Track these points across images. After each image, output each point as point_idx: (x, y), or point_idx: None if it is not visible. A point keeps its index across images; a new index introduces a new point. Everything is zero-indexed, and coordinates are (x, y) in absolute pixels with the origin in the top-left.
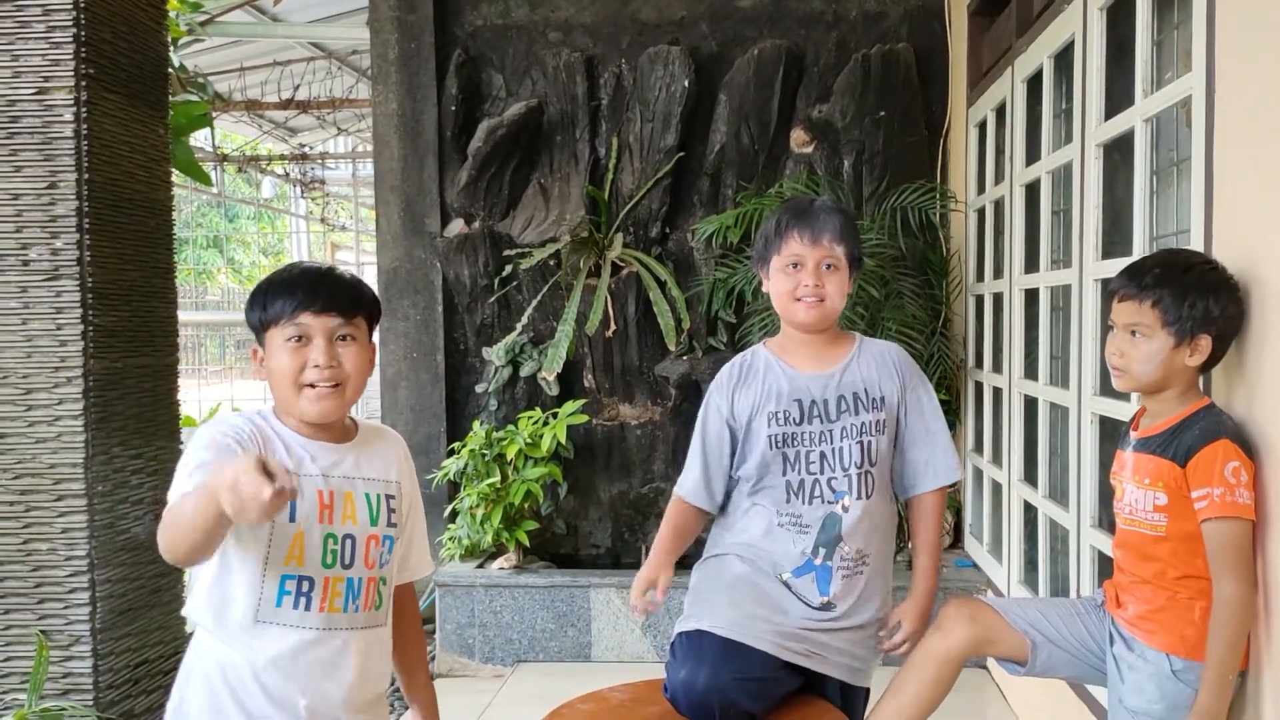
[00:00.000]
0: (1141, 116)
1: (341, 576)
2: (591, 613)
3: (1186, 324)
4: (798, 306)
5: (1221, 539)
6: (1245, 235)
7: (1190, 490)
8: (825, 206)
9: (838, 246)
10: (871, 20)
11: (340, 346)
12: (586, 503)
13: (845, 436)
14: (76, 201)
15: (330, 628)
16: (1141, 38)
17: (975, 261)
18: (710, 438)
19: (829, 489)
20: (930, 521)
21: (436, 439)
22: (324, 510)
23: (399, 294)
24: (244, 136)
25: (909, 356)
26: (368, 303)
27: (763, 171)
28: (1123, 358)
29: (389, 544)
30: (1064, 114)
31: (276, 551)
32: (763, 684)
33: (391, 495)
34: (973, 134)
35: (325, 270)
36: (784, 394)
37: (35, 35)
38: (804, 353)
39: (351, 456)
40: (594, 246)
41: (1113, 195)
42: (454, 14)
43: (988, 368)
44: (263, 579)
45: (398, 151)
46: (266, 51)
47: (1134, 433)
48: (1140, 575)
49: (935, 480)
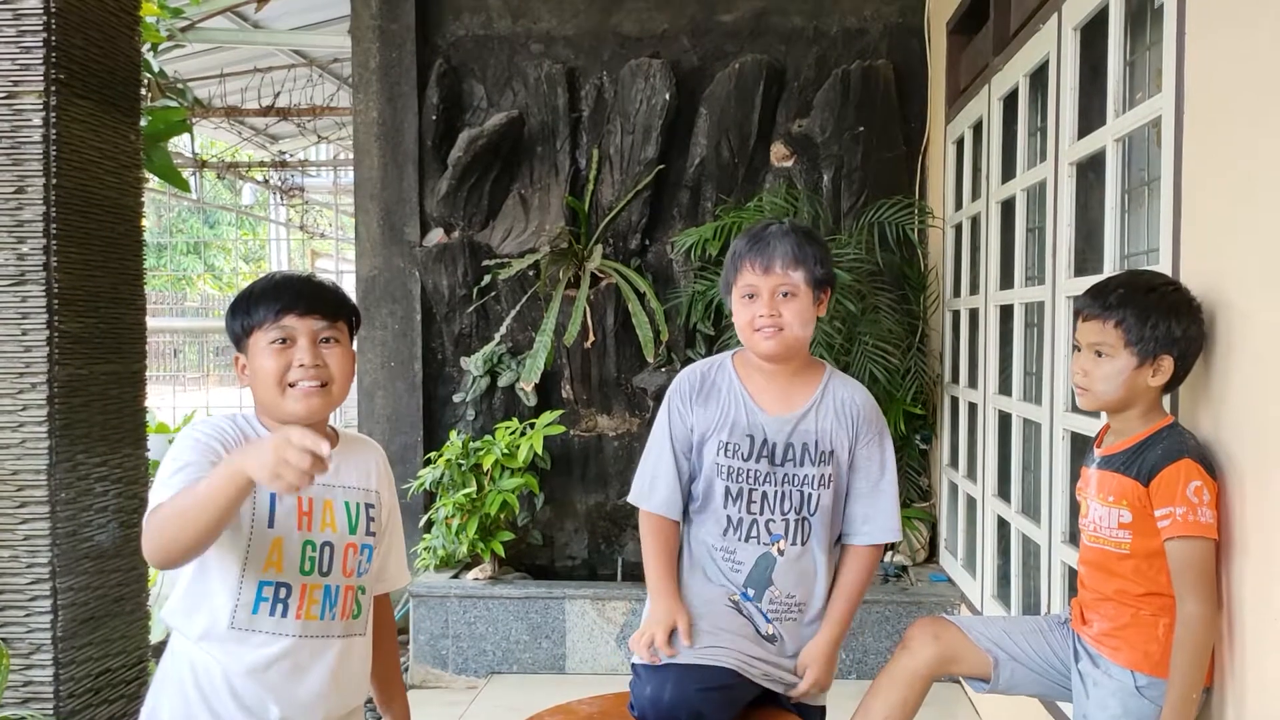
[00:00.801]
0: (1113, 136)
1: (319, 584)
2: (566, 624)
3: (1149, 344)
4: (756, 337)
5: (1184, 558)
6: (1212, 255)
7: (1153, 509)
8: (780, 232)
9: (793, 272)
10: (852, 37)
11: (324, 348)
12: (563, 514)
13: (788, 483)
14: (44, 206)
15: (306, 635)
16: (1113, 58)
17: (952, 277)
18: (679, 444)
19: (766, 530)
20: (854, 573)
21: (413, 448)
22: (303, 517)
23: (377, 302)
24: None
25: (873, 405)
26: (349, 308)
27: (742, 185)
28: (1086, 377)
29: (367, 553)
30: (1039, 132)
31: (255, 557)
32: (727, 692)
33: (371, 504)
34: (951, 150)
35: (307, 276)
36: (738, 426)
37: (4, 40)
38: (767, 386)
39: (333, 464)
40: (573, 257)
41: (1085, 213)
42: (436, 24)
43: (964, 383)
44: (240, 584)
45: (378, 160)
46: (247, 58)
47: (1098, 450)
48: (1103, 592)
49: (870, 538)
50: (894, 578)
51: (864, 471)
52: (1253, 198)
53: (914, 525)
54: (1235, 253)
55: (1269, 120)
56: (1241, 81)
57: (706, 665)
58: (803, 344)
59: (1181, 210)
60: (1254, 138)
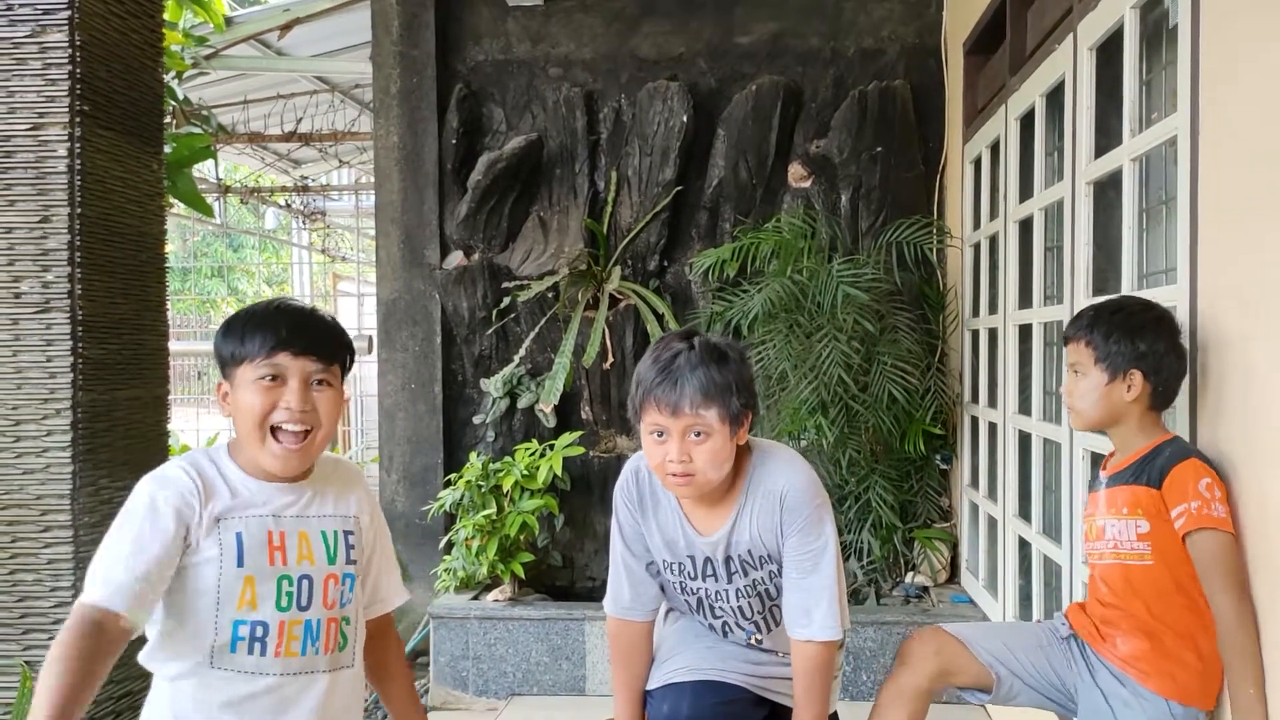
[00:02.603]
0: (1130, 156)
1: (299, 619)
2: (586, 645)
3: (1116, 359)
4: (670, 481)
5: (1206, 552)
6: (1229, 274)
7: (1168, 510)
8: (688, 363)
9: (705, 411)
10: (869, 57)
11: (315, 392)
12: (582, 535)
13: (741, 596)
14: (69, 235)
15: (288, 673)
16: (1129, 78)
17: (971, 296)
18: (634, 547)
19: (738, 629)
20: (806, 678)
21: (433, 470)
22: (274, 551)
23: (398, 325)
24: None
25: (800, 489)
26: (345, 349)
27: (760, 205)
28: (1070, 396)
29: (349, 582)
30: (1056, 151)
31: (226, 599)
32: (741, 706)
33: (350, 531)
34: (968, 170)
35: (308, 310)
36: (677, 547)
37: (31, 72)
38: (694, 507)
39: (307, 496)
40: (592, 279)
41: (1103, 233)
42: (456, 49)
43: (983, 403)
44: (215, 627)
45: (398, 184)
46: (270, 84)
47: (1104, 473)
48: (1127, 609)
49: (806, 632)
50: (915, 598)
51: (795, 562)
52: (1267, 217)
53: (935, 546)
54: (1251, 272)
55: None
56: (1256, 100)
57: (718, 681)
58: (716, 482)
59: (1198, 230)
60: (1267, 154)
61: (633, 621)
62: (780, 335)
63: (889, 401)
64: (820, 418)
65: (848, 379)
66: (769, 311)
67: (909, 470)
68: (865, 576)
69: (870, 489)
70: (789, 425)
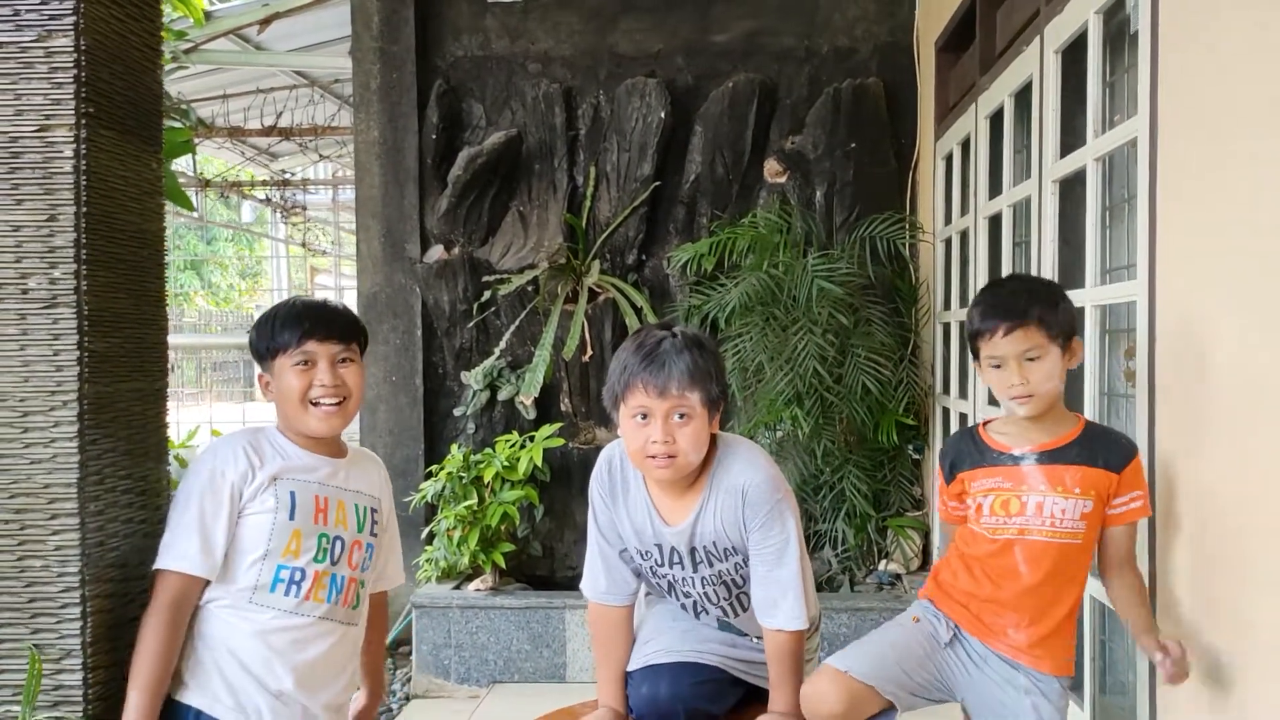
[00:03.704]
0: (1093, 156)
1: (328, 571)
2: (566, 634)
3: (1067, 330)
4: (649, 463)
5: (1129, 535)
6: (1185, 270)
7: (1118, 494)
8: (674, 348)
9: (690, 394)
10: (843, 55)
11: (341, 368)
12: (562, 525)
13: (707, 584)
14: (75, 233)
15: (311, 616)
16: (1093, 81)
17: (942, 290)
18: (607, 533)
19: (708, 613)
20: (778, 664)
21: (415, 461)
22: (319, 513)
23: (379, 318)
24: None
25: (760, 484)
26: (360, 330)
27: (736, 201)
28: (1028, 384)
29: (370, 551)
30: (1024, 150)
31: (276, 545)
32: (718, 686)
33: (375, 509)
34: (940, 167)
35: (324, 303)
36: (645, 535)
37: (38, 75)
38: (662, 496)
39: (344, 471)
40: (571, 273)
41: (1069, 229)
42: (435, 45)
43: (954, 394)
44: (261, 566)
45: (379, 178)
46: (250, 78)
47: (1029, 450)
48: (1036, 592)
49: (775, 622)
50: (888, 585)
51: (759, 555)
52: (1218, 216)
53: (908, 534)
54: (1207, 269)
55: (1234, 142)
56: (1210, 106)
57: (696, 663)
58: (695, 465)
59: (1157, 228)
60: (1220, 158)
61: (611, 606)
62: (757, 328)
63: (863, 393)
64: (796, 409)
65: (823, 371)
66: (746, 305)
67: (882, 460)
68: (840, 564)
69: (844, 478)
70: (765, 416)
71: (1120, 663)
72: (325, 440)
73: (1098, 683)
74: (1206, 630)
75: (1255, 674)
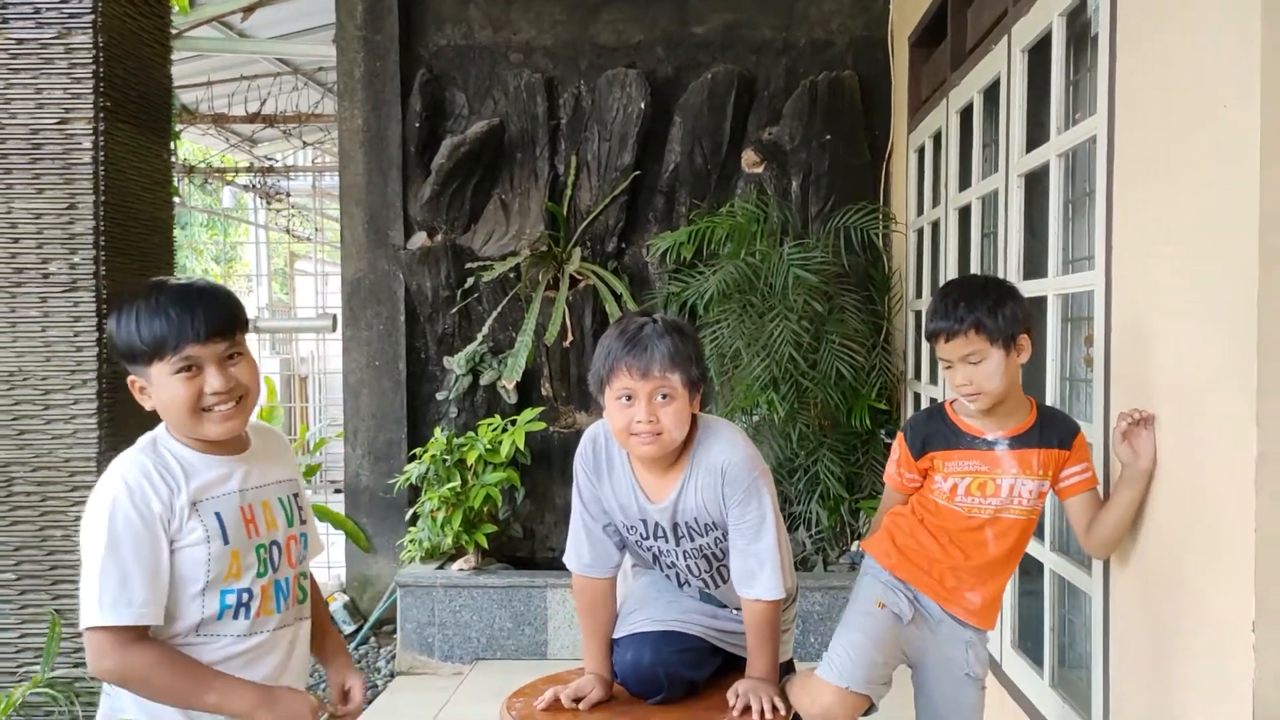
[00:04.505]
0: (1056, 151)
1: (271, 581)
2: (548, 612)
3: (1007, 332)
4: (634, 441)
5: (1088, 501)
6: (1139, 263)
7: (1066, 467)
8: (655, 333)
9: (671, 375)
10: (819, 48)
11: (231, 365)
12: (543, 507)
13: (689, 557)
14: (94, 221)
15: (263, 630)
16: (1056, 79)
17: (914, 279)
18: (592, 508)
19: (689, 585)
20: (756, 632)
21: (398, 445)
22: (249, 525)
23: (362, 304)
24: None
25: (739, 462)
26: (243, 315)
27: (715, 190)
28: (972, 384)
29: (304, 540)
30: (993, 144)
31: (216, 574)
32: (698, 654)
33: (296, 493)
34: (912, 159)
35: (199, 292)
36: (629, 510)
37: (58, 71)
38: (646, 474)
39: (256, 466)
40: (553, 260)
41: (1033, 221)
42: (419, 34)
43: (925, 379)
44: (203, 602)
45: (362, 166)
46: (233, 65)
47: (1001, 435)
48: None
49: (753, 593)
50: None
51: (739, 529)
52: (1172, 211)
53: None
54: (1159, 260)
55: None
56: (1161, 104)
57: (678, 632)
58: (678, 443)
59: (1113, 221)
60: (1170, 155)
61: (595, 578)
62: (734, 315)
63: (837, 378)
64: (772, 394)
65: (798, 357)
66: (723, 292)
67: (855, 444)
68: (814, 545)
69: (819, 462)
70: (742, 401)
71: (1079, 636)
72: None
73: (1057, 656)
74: (1153, 601)
75: (1201, 644)
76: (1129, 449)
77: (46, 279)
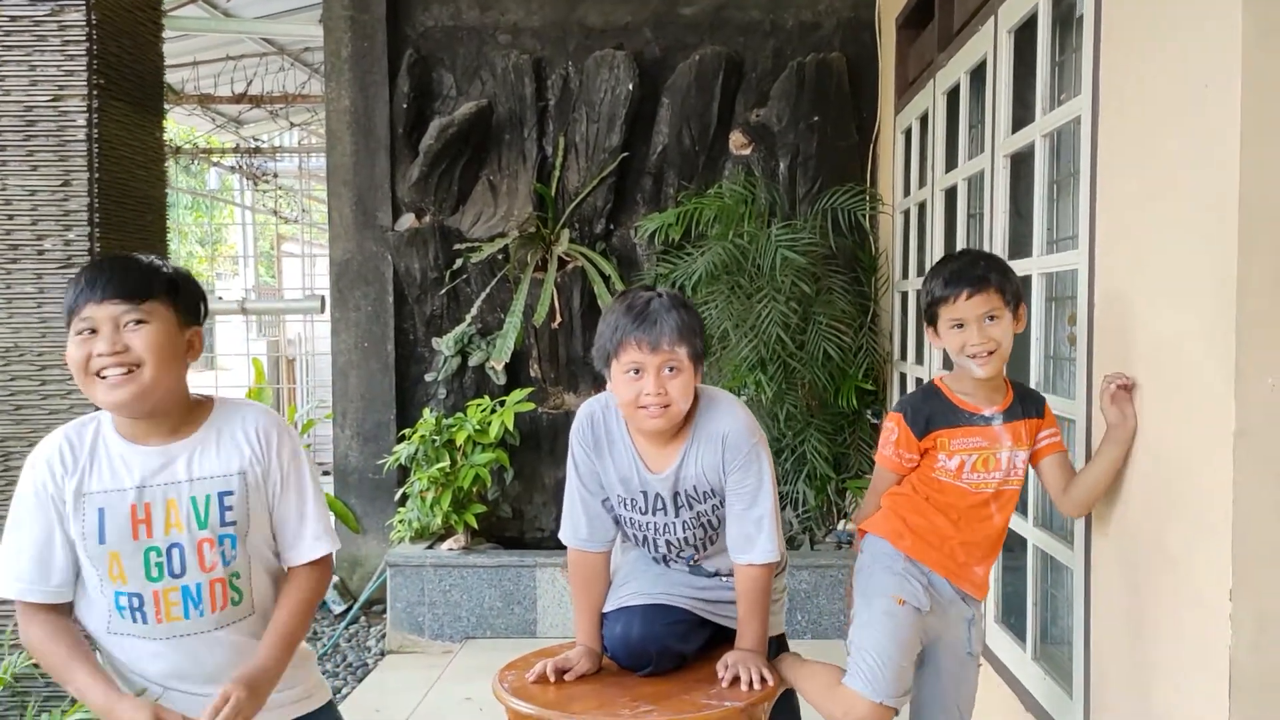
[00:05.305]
0: (1041, 132)
1: (174, 586)
2: (537, 591)
3: (1014, 297)
4: (641, 414)
5: (1060, 462)
6: (1120, 243)
7: (1039, 432)
8: (663, 307)
9: (679, 348)
10: (807, 30)
11: (129, 333)
12: (531, 487)
13: (686, 528)
14: (88, 198)
15: (175, 635)
16: (1042, 60)
17: (901, 260)
18: (588, 482)
19: (679, 558)
20: (748, 598)
21: (386, 426)
22: (138, 525)
23: (351, 285)
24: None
25: (740, 430)
26: (164, 284)
27: (703, 172)
28: (989, 342)
29: (230, 542)
30: (979, 125)
31: (98, 571)
32: (687, 626)
33: (228, 491)
34: (899, 140)
35: (112, 259)
36: (630, 483)
37: (52, 49)
38: (648, 446)
39: (183, 457)
40: (541, 242)
41: (1019, 202)
42: (406, 14)
43: (911, 360)
44: (102, 595)
45: (350, 147)
46: (219, 45)
47: (995, 410)
48: (999, 532)
49: (747, 556)
50: (847, 544)
51: (737, 495)
52: (1153, 191)
53: None
54: (1140, 239)
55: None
56: (1145, 88)
57: (666, 605)
58: (684, 413)
59: (1097, 201)
60: (1151, 137)
61: (590, 552)
62: (722, 296)
63: (824, 359)
64: (760, 374)
65: (786, 338)
66: (711, 273)
67: (842, 424)
68: (801, 524)
69: (806, 442)
70: (730, 381)
71: (1061, 611)
72: (161, 419)
73: (1039, 631)
74: (1133, 573)
75: (1180, 615)
76: (1117, 411)
77: (42, 255)
